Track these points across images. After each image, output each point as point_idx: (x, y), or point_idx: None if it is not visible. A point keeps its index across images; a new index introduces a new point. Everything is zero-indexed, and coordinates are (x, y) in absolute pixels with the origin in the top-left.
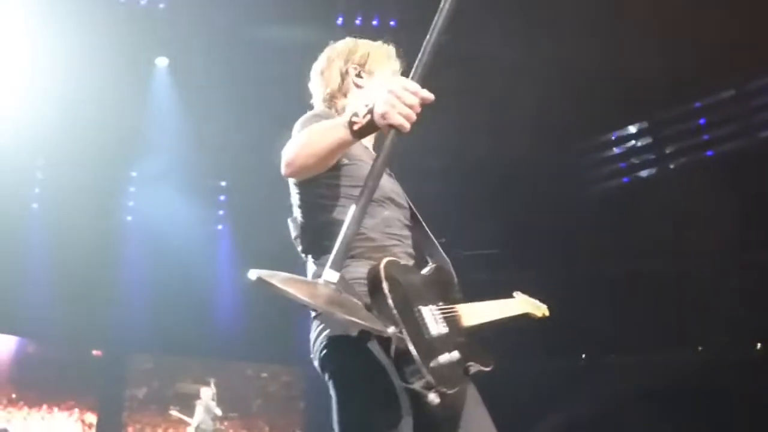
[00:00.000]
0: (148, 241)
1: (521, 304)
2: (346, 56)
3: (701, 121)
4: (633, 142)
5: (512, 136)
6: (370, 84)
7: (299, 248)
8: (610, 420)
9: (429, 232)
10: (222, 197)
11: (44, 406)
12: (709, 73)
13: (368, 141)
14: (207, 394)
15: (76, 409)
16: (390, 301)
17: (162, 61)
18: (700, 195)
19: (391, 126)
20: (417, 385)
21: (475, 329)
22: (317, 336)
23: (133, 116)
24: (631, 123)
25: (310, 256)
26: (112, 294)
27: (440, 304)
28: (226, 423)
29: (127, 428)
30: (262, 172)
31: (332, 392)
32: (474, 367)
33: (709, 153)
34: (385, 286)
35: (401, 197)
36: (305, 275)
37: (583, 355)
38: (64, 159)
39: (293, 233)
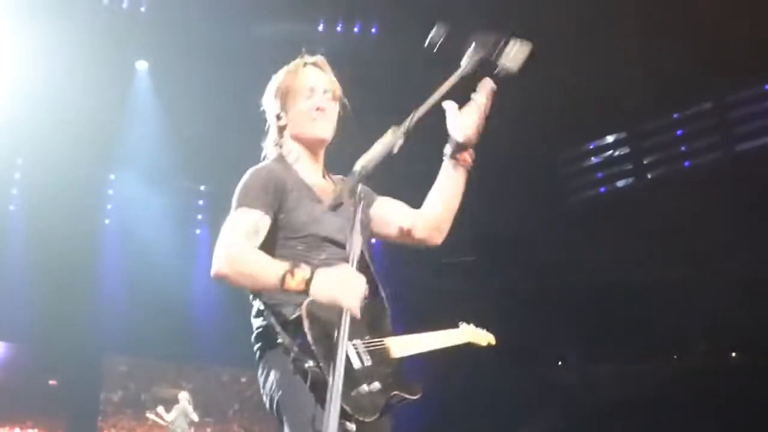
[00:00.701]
0: (125, 244)
1: (464, 335)
2: (269, 106)
3: (678, 132)
4: (611, 151)
5: (491, 143)
6: (288, 120)
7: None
8: (587, 429)
9: (370, 264)
10: (201, 201)
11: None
12: (687, 86)
13: (312, 169)
14: (184, 397)
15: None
16: (309, 338)
17: (142, 65)
18: (678, 205)
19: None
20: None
21: (405, 359)
22: (261, 374)
23: (112, 119)
24: (610, 133)
25: (252, 296)
26: (88, 296)
27: (367, 338)
28: (208, 429)
29: None
30: (242, 177)
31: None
32: (398, 397)
33: (686, 164)
34: (305, 324)
35: (343, 234)
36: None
37: (560, 362)
38: (43, 160)
39: None
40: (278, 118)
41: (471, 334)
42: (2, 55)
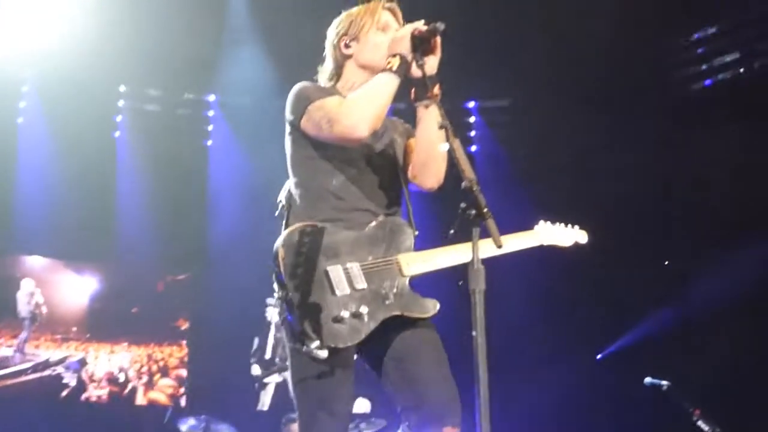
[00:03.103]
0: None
1: (535, 236)
2: (335, 32)
3: None
4: (716, 41)
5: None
6: (358, 49)
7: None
8: None
9: (402, 181)
10: None
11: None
12: None
13: None
14: None
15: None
16: (281, 269)
17: None
18: None
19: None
20: (303, 342)
21: (421, 275)
22: None
23: (209, 40)
24: (715, 20)
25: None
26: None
27: (371, 258)
28: None
29: None
30: None
31: None
32: (402, 318)
33: None
34: (280, 254)
35: (381, 154)
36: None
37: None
38: (145, 84)
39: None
40: (347, 46)
41: (547, 234)
42: None
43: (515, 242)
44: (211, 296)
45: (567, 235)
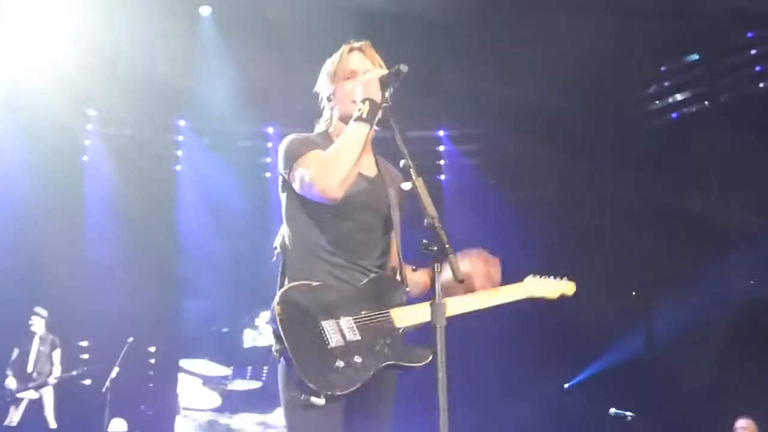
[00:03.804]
0: (201, 193)
1: (522, 290)
2: (321, 90)
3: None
4: (683, 74)
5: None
6: (335, 102)
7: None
8: None
9: (394, 235)
10: (269, 144)
11: None
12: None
13: None
14: None
15: None
16: (278, 324)
17: (206, 10)
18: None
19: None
20: (301, 391)
21: (414, 327)
22: None
23: (179, 67)
24: (683, 55)
25: None
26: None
27: (364, 313)
28: None
29: None
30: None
31: None
32: (396, 366)
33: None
34: (277, 310)
35: (377, 202)
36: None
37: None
38: (113, 110)
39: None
40: (329, 100)
41: (534, 287)
42: (67, 6)
43: (503, 295)
44: None
45: (554, 287)
